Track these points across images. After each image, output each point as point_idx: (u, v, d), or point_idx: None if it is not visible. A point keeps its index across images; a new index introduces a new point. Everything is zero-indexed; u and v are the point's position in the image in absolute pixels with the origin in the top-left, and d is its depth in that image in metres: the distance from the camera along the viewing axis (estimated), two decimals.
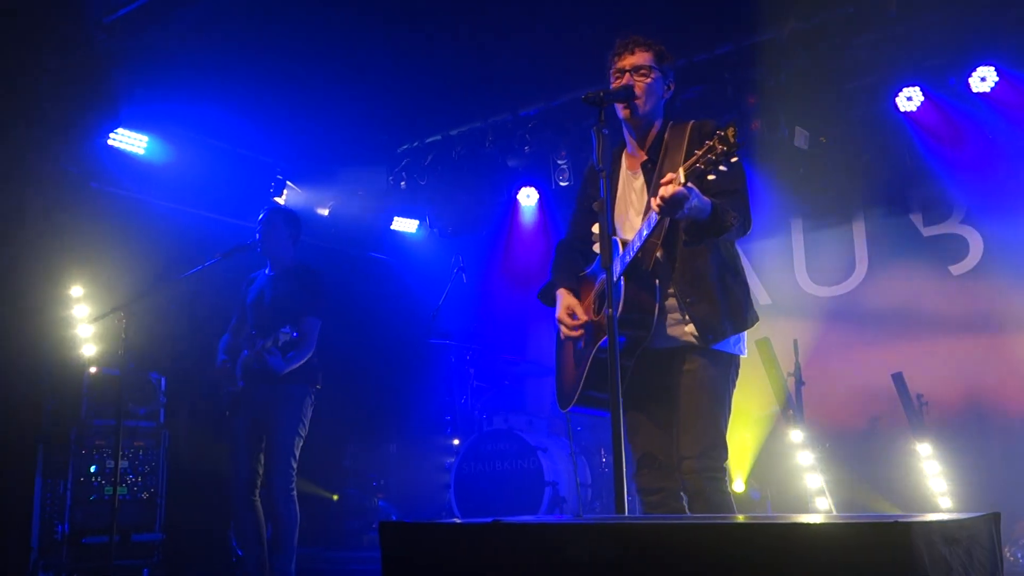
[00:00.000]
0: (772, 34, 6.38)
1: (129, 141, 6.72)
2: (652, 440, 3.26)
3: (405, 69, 6.72)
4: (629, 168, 3.42)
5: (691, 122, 3.32)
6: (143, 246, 6.45)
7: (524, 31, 6.28)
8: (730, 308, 3.21)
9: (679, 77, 3.61)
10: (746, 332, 3.31)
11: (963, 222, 6.83)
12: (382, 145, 7.87)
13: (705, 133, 3.19)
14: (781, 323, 6.86)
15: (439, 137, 7.78)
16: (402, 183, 7.85)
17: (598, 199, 2.86)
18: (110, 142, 6.62)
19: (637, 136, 3.40)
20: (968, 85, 6.12)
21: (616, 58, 3.38)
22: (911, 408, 6.17)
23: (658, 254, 3.16)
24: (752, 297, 3.41)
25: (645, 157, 3.34)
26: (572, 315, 3.32)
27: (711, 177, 2.82)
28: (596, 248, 3.40)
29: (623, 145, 3.49)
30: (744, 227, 3.14)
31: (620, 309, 3.03)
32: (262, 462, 5.01)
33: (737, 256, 3.35)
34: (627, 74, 3.32)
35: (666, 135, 3.32)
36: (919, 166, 6.74)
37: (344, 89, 6.87)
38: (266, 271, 5.33)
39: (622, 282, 3.10)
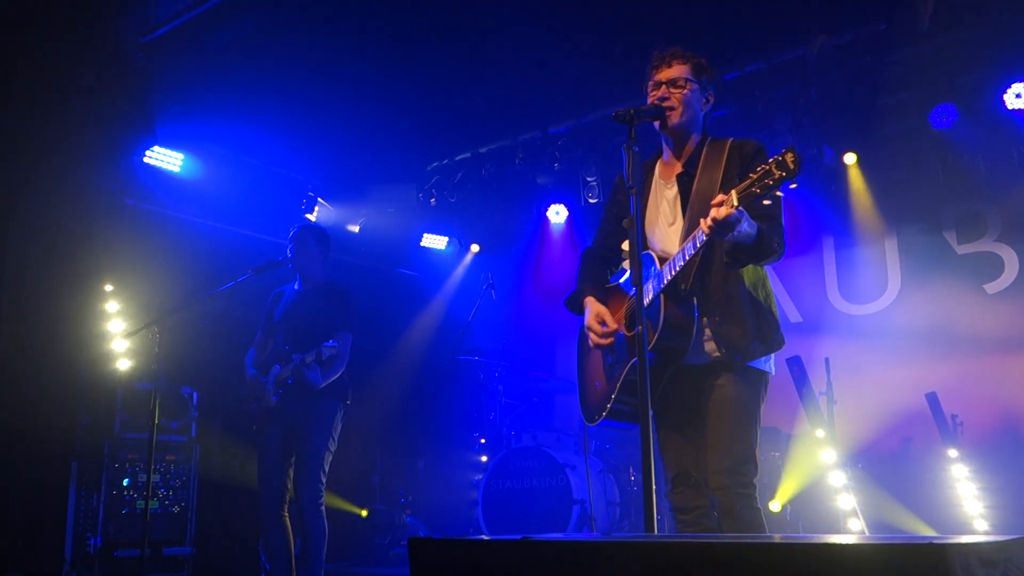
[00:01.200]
0: (802, 51, 6.39)
1: (165, 159, 6.83)
2: (686, 458, 3.23)
3: (435, 88, 6.79)
4: (662, 176, 3.41)
5: (730, 140, 3.31)
6: (177, 262, 6.54)
7: (553, 49, 6.31)
8: (759, 330, 3.20)
9: None
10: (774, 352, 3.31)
11: (998, 240, 6.80)
12: (412, 162, 7.95)
13: (746, 153, 3.22)
14: (813, 341, 6.85)
15: (469, 155, 7.85)
16: (432, 200, 7.91)
17: (628, 215, 2.81)
18: (146, 160, 6.74)
19: (674, 146, 3.40)
20: (1003, 102, 6.07)
21: (653, 71, 3.37)
22: (945, 428, 6.09)
23: (695, 273, 3.14)
24: (783, 316, 3.39)
25: (681, 169, 3.33)
26: (602, 323, 3.30)
27: (767, 202, 2.83)
28: (626, 264, 3.41)
29: (658, 155, 3.49)
30: (780, 254, 3.13)
31: (660, 326, 3.05)
32: (291, 477, 5.02)
33: (767, 277, 3.33)
34: (663, 87, 3.31)
35: (704, 149, 3.31)
36: (953, 183, 6.72)
37: (375, 108, 6.97)
38: (295, 286, 5.36)
39: (660, 299, 3.10)
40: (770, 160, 2.71)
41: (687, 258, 3.04)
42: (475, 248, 8.51)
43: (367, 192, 7.95)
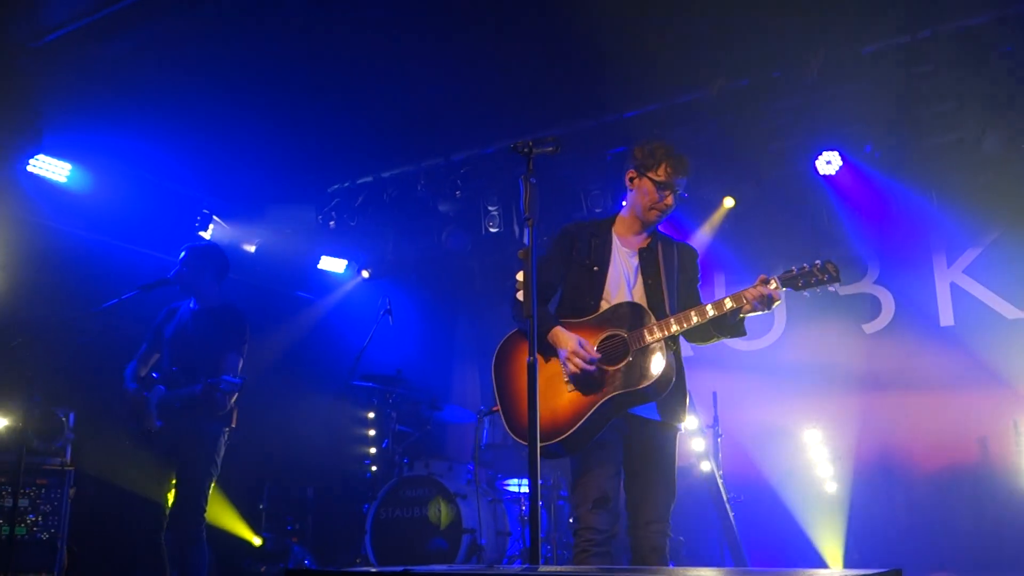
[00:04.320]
0: (700, 93, 6.60)
1: (50, 168, 6.55)
2: (608, 484, 3.48)
3: (338, 109, 6.75)
4: (624, 245, 3.76)
5: (674, 240, 3.82)
6: (57, 276, 6.29)
7: (458, 76, 6.36)
8: (686, 395, 3.66)
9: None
10: None
11: (876, 282, 7.12)
12: (312, 184, 7.86)
13: (693, 258, 3.81)
14: (701, 375, 6.89)
15: (371, 179, 7.81)
16: (331, 222, 7.86)
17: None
18: (30, 168, 6.45)
19: (641, 227, 3.78)
20: (885, 152, 6.38)
21: (671, 171, 3.71)
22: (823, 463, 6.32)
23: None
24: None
25: (644, 245, 3.74)
26: (583, 348, 3.48)
27: (806, 294, 3.47)
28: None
29: (614, 216, 3.85)
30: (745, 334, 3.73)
31: (664, 363, 3.41)
32: (170, 503, 4.86)
33: None
34: (674, 195, 3.69)
35: (660, 240, 3.77)
36: (835, 228, 7.00)
37: (275, 126, 6.87)
38: (191, 304, 5.25)
39: (661, 345, 3.44)
40: (815, 263, 3.44)
41: (706, 317, 3.44)
42: (365, 274, 8.46)
43: (265, 212, 7.78)
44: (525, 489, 6.83)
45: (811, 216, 7.08)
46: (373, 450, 7.91)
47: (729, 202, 7.03)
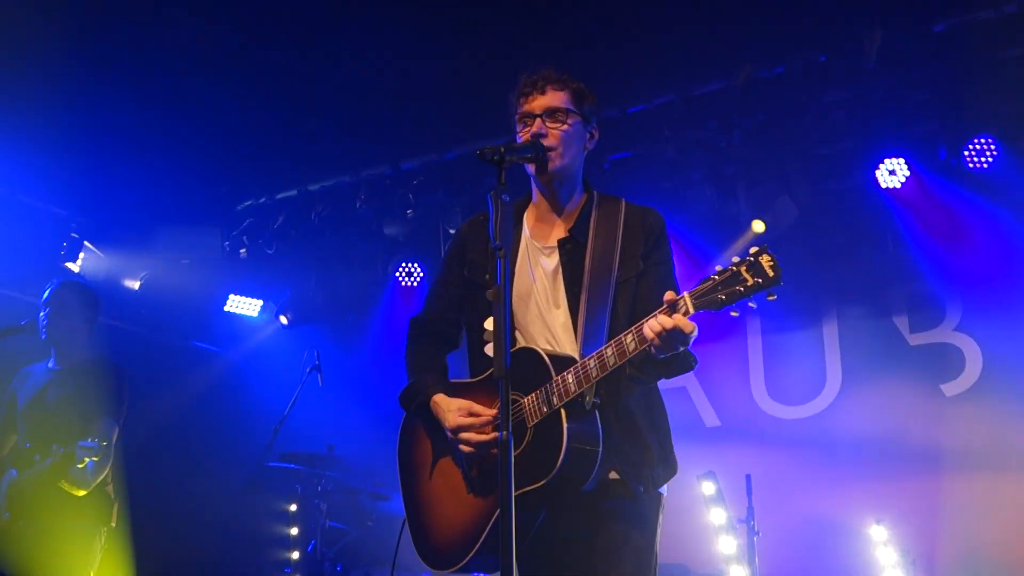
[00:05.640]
0: (724, 83, 6.74)
1: None
2: None
3: (250, 105, 6.79)
4: (537, 236, 3.55)
5: (622, 202, 3.53)
6: None
7: (408, 61, 6.38)
8: (661, 448, 3.40)
9: (604, 134, 3.74)
10: None
11: (957, 329, 7.08)
12: (218, 199, 7.89)
13: (649, 228, 3.46)
14: (732, 452, 7.05)
15: (294, 192, 7.79)
16: (242, 250, 7.84)
17: (494, 285, 2.88)
18: None
19: (551, 199, 3.55)
20: (964, 159, 6.38)
21: (522, 99, 3.49)
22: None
23: (598, 386, 3.24)
24: (696, 420, 3.53)
25: (565, 234, 3.49)
26: (473, 414, 3.34)
27: (734, 313, 2.96)
28: (488, 350, 3.43)
29: (526, 201, 3.63)
30: (694, 366, 3.32)
31: (564, 451, 3.13)
32: None
33: (658, 389, 3.52)
34: (537, 119, 3.43)
35: (594, 212, 3.50)
36: (904, 256, 7.00)
37: (168, 126, 6.99)
38: (48, 364, 5.27)
39: (561, 414, 3.19)
40: (736, 260, 2.91)
41: (608, 369, 3.14)
42: (284, 319, 8.48)
43: (153, 237, 7.88)
44: None
45: (870, 243, 7.06)
46: (295, 555, 7.81)
47: (759, 227, 6.93)
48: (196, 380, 8.43)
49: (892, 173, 6.49)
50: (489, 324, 3.41)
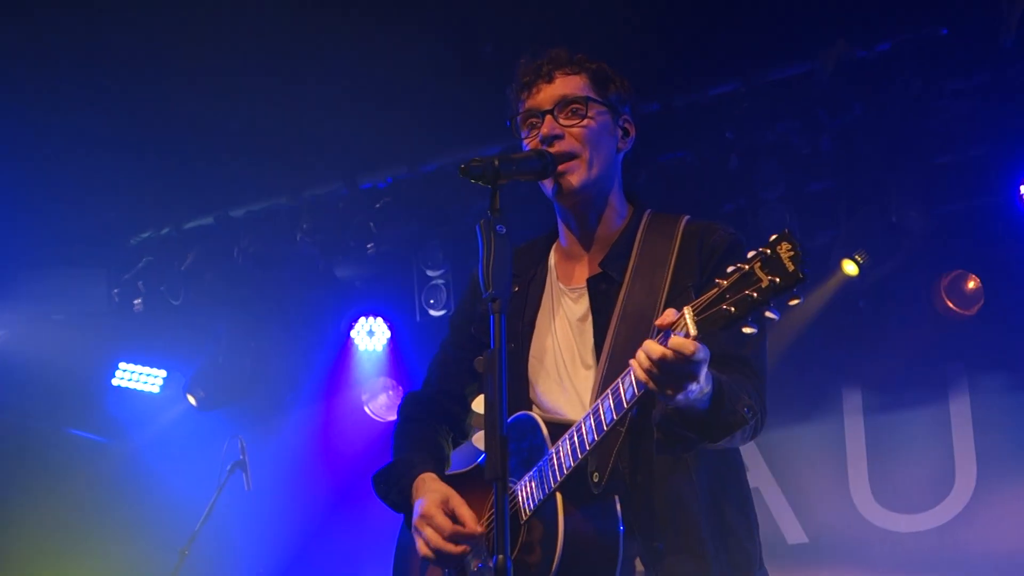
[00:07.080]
0: (807, 65, 6.40)
1: None
2: None
3: (143, 105, 6.45)
4: (563, 277, 3.39)
5: (682, 219, 3.27)
6: None
7: (372, 43, 6.09)
8: (730, 564, 3.10)
9: (646, 132, 3.52)
10: None
11: None
12: (103, 230, 7.42)
13: (713, 247, 3.15)
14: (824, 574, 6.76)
15: (210, 220, 7.44)
16: (136, 301, 7.51)
17: (485, 352, 2.66)
18: None
19: (579, 224, 3.33)
20: None
21: (523, 93, 3.29)
22: None
23: (617, 457, 2.99)
24: (774, 534, 3.31)
25: (599, 270, 3.27)
26: (451, 516, 3.12)
27: (747, 330, 2.59)
28: (478, 440, 3.44)
29: (553, 235, 3.48)
30: (757, 427, 3.00)
31: (559, 550, 2.94)
32: None
33: (741, 469, 3.24)
34: (547, 117, 3.21)
35: (639, 236, 3.26)
36: None
37: (38, 132, 6.59)
38: None
39: (556, 501, 3.00)
40: (750, 256, 2.55)
41: (605, 429, 2.89)
42: (192, 399, 7.82)
43: (13, 284, 7.38)
44: None
45: (1011, 285, 6.57)
46: None
47: (851, 268, 6.51)
48: (73, 482, 7.91)
49: None
50: (477, 405, 3.43)
